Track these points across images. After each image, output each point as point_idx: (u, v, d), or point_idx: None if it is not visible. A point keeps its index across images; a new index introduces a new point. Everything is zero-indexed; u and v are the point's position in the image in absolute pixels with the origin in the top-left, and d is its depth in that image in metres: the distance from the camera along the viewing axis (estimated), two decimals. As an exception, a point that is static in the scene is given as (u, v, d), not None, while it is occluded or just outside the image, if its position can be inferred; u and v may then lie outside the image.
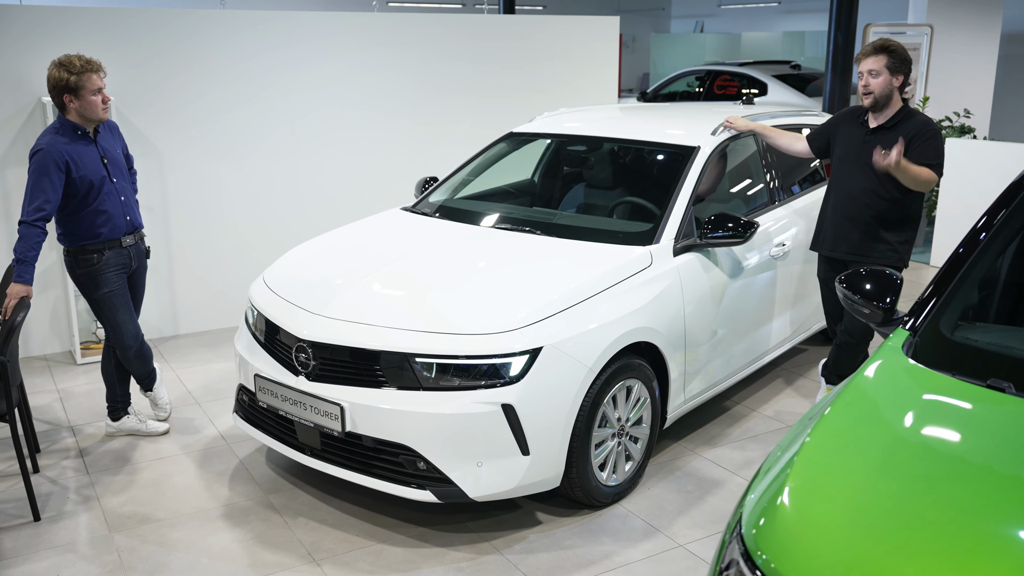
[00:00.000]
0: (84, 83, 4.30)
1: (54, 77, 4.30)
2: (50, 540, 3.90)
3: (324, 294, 4.11)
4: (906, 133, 4.44)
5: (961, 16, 10.70)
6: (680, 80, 14.39)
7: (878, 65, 4.45)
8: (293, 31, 6.69)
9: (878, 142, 4.47)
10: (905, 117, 4.51)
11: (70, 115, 4.38)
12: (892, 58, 4.45)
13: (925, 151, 4.41)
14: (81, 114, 4.37)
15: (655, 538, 3.89)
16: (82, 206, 4.41)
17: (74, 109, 4.36)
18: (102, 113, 4.42)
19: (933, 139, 4.44)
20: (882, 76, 4.45)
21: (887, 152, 4.33)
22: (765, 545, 1.96)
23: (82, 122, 4.40)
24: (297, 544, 3.86)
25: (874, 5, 13.50)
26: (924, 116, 4.55)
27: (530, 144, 5.65)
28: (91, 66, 4.33)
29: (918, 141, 4.43)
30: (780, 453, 2.31)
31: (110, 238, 4.51)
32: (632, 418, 4.16)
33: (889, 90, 4.47)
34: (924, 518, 1.93)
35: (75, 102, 4.34)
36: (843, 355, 4.81)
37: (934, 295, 2.72)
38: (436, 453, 3.66)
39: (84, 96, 4.32)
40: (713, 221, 4.45)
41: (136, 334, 4.69)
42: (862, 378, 2.49)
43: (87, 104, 4.34)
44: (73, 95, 4.32)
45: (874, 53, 4.48)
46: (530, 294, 3.90)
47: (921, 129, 4.46)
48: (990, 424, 2.24)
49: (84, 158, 4.38)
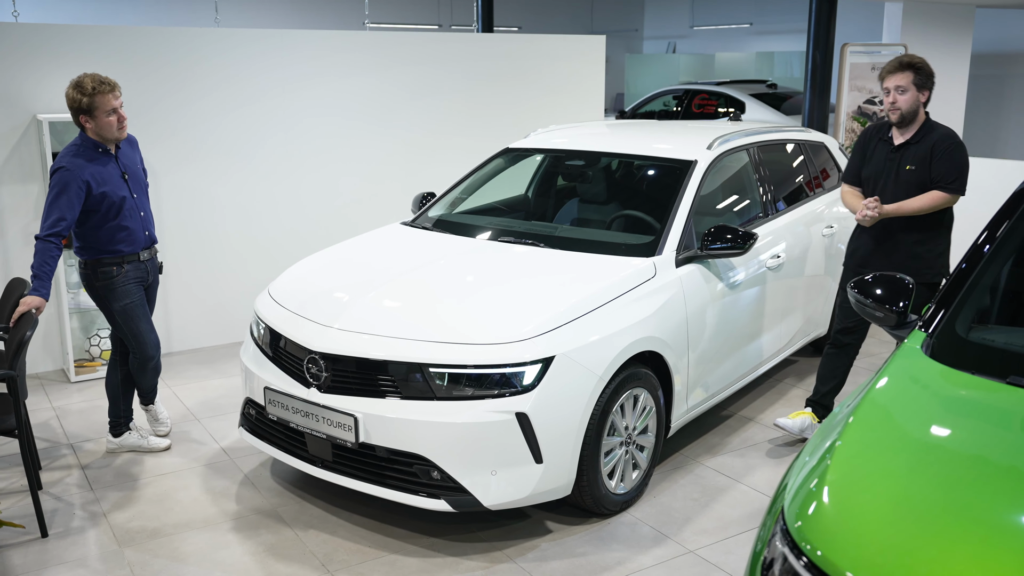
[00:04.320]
0: (98, 104, 4.34)
1: (69, 98, 4.36)
2: (60, 556, 3.88)
3: (334, 306, 4.13)
4: (926, 147, 4.45)
5: (933, 36, 10.97)
6: (657, 100, 14.57)
7: (905, 81, 4.43)
8: (287, 49, 6.74)
9: (904, 157, 4.50)
10: (929, 131, 4.50)
11: (88, 133, 4.42)
12: (918, 74, 4.43)
13: (940, 169, 4.41)
14: (98, 134, 4.41)
15: (665, 544, 3.94)
16: (103, 221, 4.44)
17: (90, 129, 4.40)
18: (118, 133, 4.44)
19: (950, 156, 4.41)
20: (909, 92, 4.44)
21: (869, 208, 4.42)
22: (812, 536, 2.03)
23: (100, 140, 4.44)
24: (310, 555, 3.87)
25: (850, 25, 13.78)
26: (947, 129, 4.53)
27: (526, 160, 5.72)
28: (105, 87, 4.36)
29: (935, 158, 4.43)
30: (812, 452, 2.38)
31: (129, 252, 4.54)
32: (639, 427, 4.22)
33: (916, 106, 4.46)
34: (960, 506, 2.02)
35: (91, 123, 4.38)
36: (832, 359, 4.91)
37: (948, 298, 2.81)
38: (450, 462, 3.69)
39: (99, 117, 4.36)
40: (713, 233, 4.54)
41: (157, 344, 4.72)
42: (885, 377, 2.58)
43: (102, 125, 4.38)
44: (88, 116, 4.37)
45: (900, 70, 4.44)
46: (540, 305, 3.95)
47: (940, 144, 4.44)
48: (1013, 418, 2.34)
49: (105, 176, 4.42)
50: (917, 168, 4.48)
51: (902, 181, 4.52)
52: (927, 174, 4.46)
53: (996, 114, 14.31)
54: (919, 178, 4.48)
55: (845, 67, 9.85)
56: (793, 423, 4.88)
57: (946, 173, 4.43)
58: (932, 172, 4.44)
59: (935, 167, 4.44)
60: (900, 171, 4.52)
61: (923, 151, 4.47)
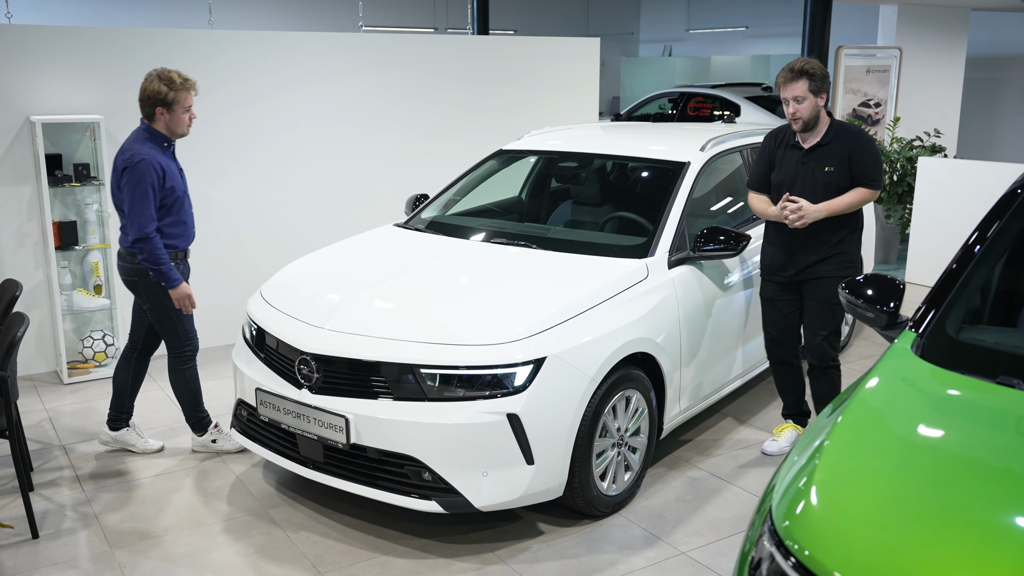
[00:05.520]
0: (179, 99, 4.43)
1: (153, 89, 4.41)
2: (51, 557, 3.87)
3: (325, 307, 4.13)
4: (843, 147, 4.42)
5: (929, 39, 10.99)
6: (652, 102, 14.56)
7: (801, 90, 4.38)
8: (280, 51, 6.73)
9: (820, 159, 4.46)
10: (840, 131, 4.49)
11: (157, 125, 4.48)
12: (813, 81, 4.38)
13: (863, 169, 4.41)
14: (169, 127, 4.49)
15: (657, 546, 3.94)
16: (166, 215, 4.50)
17: (163, 122, 4.47)
18: (186, 129, 4.55)
19: (868, 153, 4.44)
20: (807, 100, 4.39)
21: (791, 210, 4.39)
22: (799, 536, 2.02)
23: (168, 134, 4.52)
24: (301, 557, 3.86)
25: (845, 28, 13.80)
26: (856, 127, 4.55)
27: (519, 162, 5.72)
28: (189, 83, 4.47)
29: (855, 158, 4.41)
30: (800, 451, 2.38)
31: (183, 248, 4.62)
32: (631, 428, 4.22)
33: (816, 111, 4.43)
34: (949, 506, 2.01)
35: (166, 115, 4.45)
36: (815, 383, 4.77)
37: (938, 299, 2.81)
38: (441, 463, 3.69)
39: (176, 111, 4.45)
40: (706, 234, 4.54)
41: (198, 347, 4.79)
42: (875, 377, 2.58)
43: (177, 119, 4.47)
44: (166, 109, 4.44)
45: (795, 79, 4.39)
46: (532, 306, 3.95)
47: (859, 143, 4.45)
48: (1003, 417, 2.34)
49: (171, 169, 4.52)
50: (837, 168, 4.43)
51: (820, 183, 4.46)
52: (847, 173, 4.43)
53: (991, 117, 14.33)
54: (839, 178, 4.44)
55: (840, 70, 9.88)
56: (779, 443, 4.85)
57: (869, 170, 4.42)
58: (854, 170, 4.43)
59: (857, 165, 4.42)
60: (816, 173, 4.46)
61: (840, 151, 4.43)
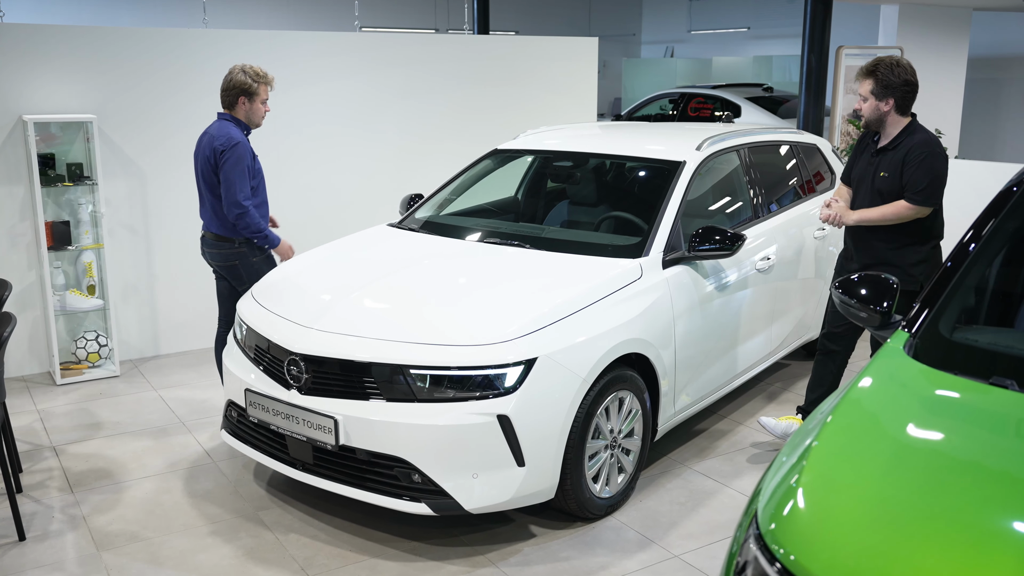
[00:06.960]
0: (260, 91, 4.85)
1: (238, 80, 4.80)
2: (36, 559, 3.83)
3: (315, 308, 4.09)
4: (901, 154, 4.31)
5: (930, 39, 10.93)
6: (653, 103, 14.52)
7: (865, 90, 4.34)
8: (276, 51, 6.70)
9: (881, 163, 4.38)
10: (907, 138, 4.33)
11: (237, 114, 4.85)
12: (876, 83, 4.30)
13: (909, 181, 4.27)
14: (248, 116, 4.87)
15: (650, 549, 3.89)
16: (255, 195, 4.84)
17: (244, 111, 4.85)
18: (261, 120, 4.94)
19: (920, 164, 4.24)
20: (869, 101, 4.34)
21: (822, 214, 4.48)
22: (785, 540, 1.97)
23: (247, 123, 4.90)
24: (290, 560, 3.81)
25: (846, 28, 13.75)
26: (923, 136, 4.34)
27: (514, 161, 5.68)
28: (268, 79, 4.88)
29: (906, 169, 4.27)
30: (789, 452, 2.33)
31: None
32: (624, 430, 4.17)
33: (878, 114, 4.34)
34: (941, 509, 1.96)
35: (247, 105, 4.84)
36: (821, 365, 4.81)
37: (931, 298, 2.76)
38: (431, 465, 3.64)
39: (255, 102, 4.85)
40: (701, 234, 4.49)
41: None
42: (866, 377, 2.53)
43: (255, 110, 4.87)
44: (248, 98, 4.83)
45: (862, 77, 4.35)
46: (524, 306, 3.90)
47: (913, 151, 4.28)
48: (996, 419, 2.29)
49: (253, 154, 4.86)
50: (890, 175, 4.33)
51: (875, 188, 4.40)
52: (898, 182, 4.31)
53: (993, 117, 14.27)
54: (890, 185, 4.33)
55: (840, 70, 9.82)
56: (777, 425, 4.82)
57: (915, 182, 4.25)
58: (903, 180, 4.29)
59: (905, 175, 4.28)
60: (876, 177, 4.40)
61: (897, 158, 4.33)
